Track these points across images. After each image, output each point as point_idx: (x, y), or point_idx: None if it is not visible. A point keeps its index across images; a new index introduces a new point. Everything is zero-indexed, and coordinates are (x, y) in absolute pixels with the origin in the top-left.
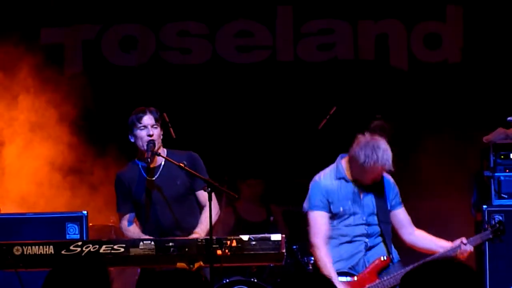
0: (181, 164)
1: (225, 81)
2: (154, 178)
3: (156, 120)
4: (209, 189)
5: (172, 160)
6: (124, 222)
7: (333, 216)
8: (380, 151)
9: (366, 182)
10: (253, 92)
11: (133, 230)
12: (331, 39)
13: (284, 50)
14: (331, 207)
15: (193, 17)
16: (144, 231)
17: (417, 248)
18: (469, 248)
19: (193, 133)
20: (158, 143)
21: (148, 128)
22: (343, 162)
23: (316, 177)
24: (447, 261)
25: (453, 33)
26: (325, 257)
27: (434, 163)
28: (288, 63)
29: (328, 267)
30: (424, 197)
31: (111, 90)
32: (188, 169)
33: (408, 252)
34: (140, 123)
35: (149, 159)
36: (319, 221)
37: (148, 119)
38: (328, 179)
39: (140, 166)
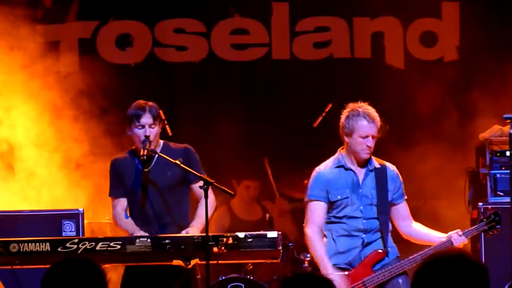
0: (177, 162)
1: (221, 78)
2: (148, 169)
3: (154, 118)
4: (205, 186)
5: (167, 158)
6: (120, 210)
7: (331, 205)
8: (360, 108)
9: (361, 155)
10: (249, 90)
11: (129, 222)
12: (327, 37)
13: (280, 48)
14: (329, 196)
15: (189, 14)
16: (133, 219)
17: (414, 240)
18: (463, 239)
19: (189, 130)
20: (154, 141)
21: (145, 128)
22: (342, 152)
23: (317, 168)
24: (457, 255)
25: (449, 30)
26: (320, 248)
27: (430, 161)
28: (284, 61)
29: (322, 257)
30: (419, 194)
31: (107, 88)
32: (184, 166)
33: (406, 244)
34: (138, 122)
35: (144, 157)
36: (315, 210)
37: (146, 119)
38: (327, 168)
39: (135, 157)
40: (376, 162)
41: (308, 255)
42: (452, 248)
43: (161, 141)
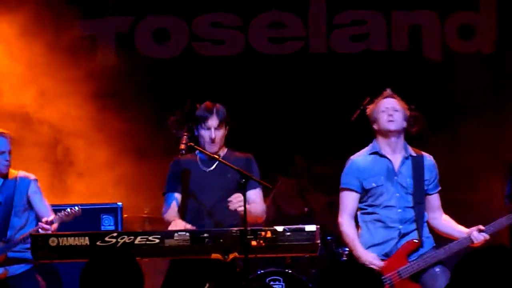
0: (238, 169)
1: (258, 72)
2: (209, 170)
3: (221, 121)
4: (243, 180)
5: (230, 164)
6: (170, 209)
7: (366, 192)
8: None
9: (387, 126)
10: (286, 83)
11: (170, 213)
12: (364, 30)
13: (317, 41)
14: (364, 183)
15: (226, 8)
16: (187, 218)
17: (437, 231)
18: (484, 236)
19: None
20: (219, 144)
21: (211, 130)
22: (375, 140)
23: (352, 156)
24: (498, 247)
25: (487, 23)
26: (350, 233)
27: (468, 154)
28: (321, 54)
29: (354, 241)
30: (458, 187)
31: (145, 82)
32: (245, 172)
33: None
34: (205, 123)
35: (205, 158)
36: (346, 199)
37: (212, 121)
38: (361, 155)
39: (198, 156)
40: (412, 151)
41: (347, 249)
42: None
43: (226, 149)
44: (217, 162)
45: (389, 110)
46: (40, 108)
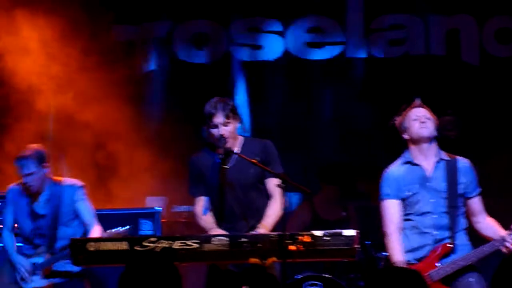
0: (254, 161)
1: (296, 77)
2: (228, 166)
3: (227, 117)
4: (284, 185)
5: (245, 157)
6: (199, 208)
7: (403, 202)
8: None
9: (420, 133)
10: (324, 88)
11: (207, 220)
12: (402, 34)
13: (355, 46)
14: (400, 193)
15: (264, 13)
16: (215, 217)
17: (481, 235)
18: None
19: (265, 129)
20: (231, 138)
21: (219, 128)
22: (407, 150)
23: (386, 169)
24: None
25: None
26: (396, 245)
27: (507, 158)
28: (359, 59)
29: (398, 254)
30: (497, 192)
31: (183, 87)
32: (261, 165)
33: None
34: (212, 122)
35: (221, 156)
36: (390, 209)
37: (219, 118)
38: (395, 166)
39: (213, 154)
40: (445, 155)
41: (385, 254)
42: None
43: (241, 137)
44: (236, 157)
45: (421, 118)
46: (79, 111)
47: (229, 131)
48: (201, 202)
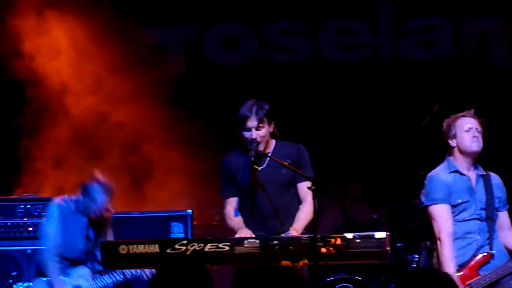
0: (285, 163)
1: (327, 79)
2: (260, 168)
3: (260, 121)
4: (314, 187)
5: (277, 160)
6: (230, 209)
7: (452, 207)
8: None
9: (471, 147)
10: (355, 90)
11: (236, 221)
12: (432, 37)
13: (385, 48)
14: (450, 199)
15: (295, 16)
16: (245, 218)
17: (507, 250)
18: None
19: (295, 131)
20: (264, 142)
21: (252, 132)
22: (451, 158)
23: (432, 173)
24: None
25: None
26: (448, 253)
27: None
28: (389, 61)
29: (449, 264)
30: None
31: (214, 90)
32: (292, 168)
33: None
34: (245, 125)
35: (252, 158)
36: (443, 214)
37: (252, 122)
38: (443, 173)
39: (245, 155)
40: (482, 170)
41: (416, 256)
42: None
43: (273, 141)
44: (268, 159)
45: (474, 131)
46: (111, 113)
47: (262, 135)
48: (232, 203)
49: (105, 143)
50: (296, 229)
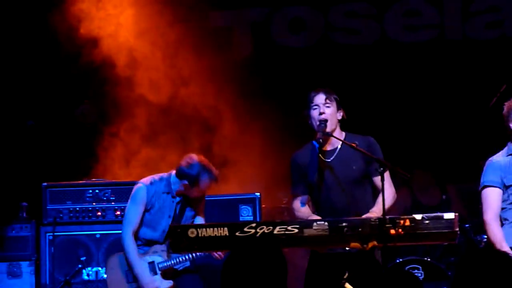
0: (353, 144)
1: (393, 61)
2: (329, 160)
3: (327, 97)
4: (382, 169)
5: (346, 142)
6: (297, 203)
7: (506, 189)
8: None
9: None
10: (421, 71)
11: (304, 211)
12: (499, 17)
13: (452, 29)
14: (505, 180)
15: None
16: (317, 213)
17: None
18: None
19: (361, 115)
20: (332, 123)
21: (319, 107)
22: (510, 143)
23: (490, 158)
24: None
25: None
26: (498, 233)
27: None
28: (456, 41)
29: (501, 242)
30: None
31: (281, 72)
32: (360, 149)
33: None
34: (313, 102)
35: (320, 140)
36: (491, 196)
37: (319, 98)
38: (499, 156)
39: (316, 147)
40: None
41: (485, 236)
42: None
43: (343, 133)
44: (336, 153)
45: None
46: (180, 98)
47: (330, 113)
48: (300, 199)
49: (174, 125)
50: (375, 211)
